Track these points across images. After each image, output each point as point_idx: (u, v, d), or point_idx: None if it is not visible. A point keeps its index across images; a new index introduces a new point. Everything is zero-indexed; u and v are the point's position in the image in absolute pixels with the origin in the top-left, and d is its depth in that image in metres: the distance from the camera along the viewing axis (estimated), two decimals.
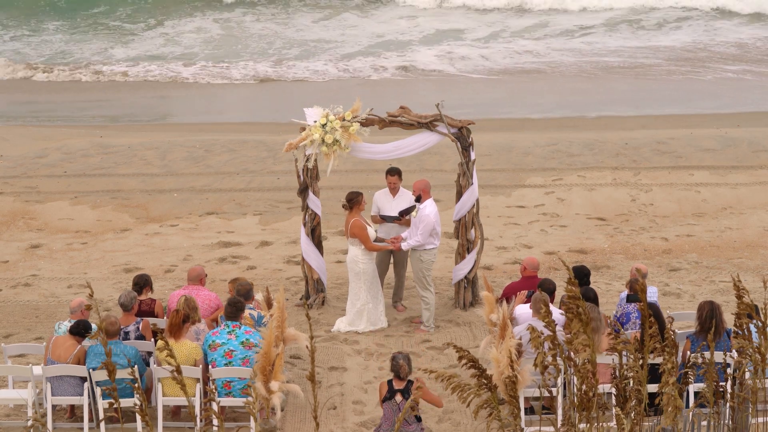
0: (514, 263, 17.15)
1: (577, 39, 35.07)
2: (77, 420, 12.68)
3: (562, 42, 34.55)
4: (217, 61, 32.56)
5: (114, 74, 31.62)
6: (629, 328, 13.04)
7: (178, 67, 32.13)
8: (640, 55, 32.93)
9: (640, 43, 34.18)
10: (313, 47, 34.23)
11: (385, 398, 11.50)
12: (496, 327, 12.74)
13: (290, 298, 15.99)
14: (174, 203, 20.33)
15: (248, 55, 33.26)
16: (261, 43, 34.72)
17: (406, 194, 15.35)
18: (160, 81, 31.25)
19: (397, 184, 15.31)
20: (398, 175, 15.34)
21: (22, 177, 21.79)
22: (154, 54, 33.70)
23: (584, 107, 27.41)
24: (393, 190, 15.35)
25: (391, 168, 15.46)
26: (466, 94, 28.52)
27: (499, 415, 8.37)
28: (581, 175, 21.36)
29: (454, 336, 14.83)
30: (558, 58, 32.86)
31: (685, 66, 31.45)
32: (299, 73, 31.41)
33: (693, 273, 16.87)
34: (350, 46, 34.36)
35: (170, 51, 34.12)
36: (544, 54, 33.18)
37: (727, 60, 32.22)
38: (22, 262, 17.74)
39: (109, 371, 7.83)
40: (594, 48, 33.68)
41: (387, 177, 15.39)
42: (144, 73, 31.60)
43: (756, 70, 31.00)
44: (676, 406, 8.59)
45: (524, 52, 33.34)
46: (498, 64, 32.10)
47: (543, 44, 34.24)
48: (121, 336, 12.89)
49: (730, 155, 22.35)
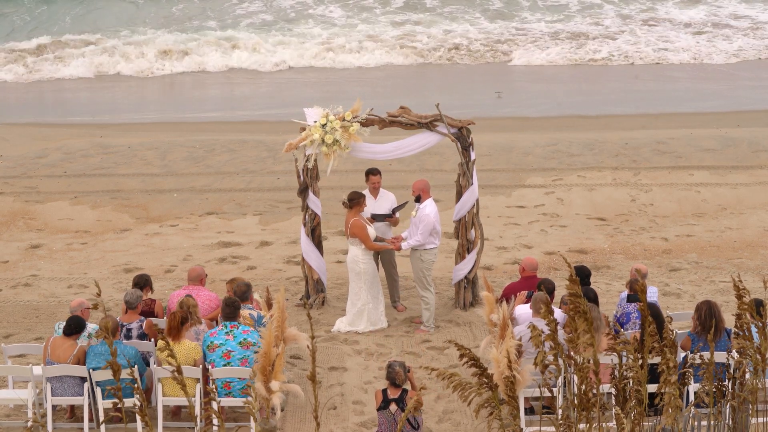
0: (514, 263, 17.15)
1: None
2: (77, 420, 12.68)
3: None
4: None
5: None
6: (629, 328, 13.05)
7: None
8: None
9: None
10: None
11: (380, 407, 11.50)
12: (496, 327, 12.75)
13: (290, 298, 15.99)
14: (174, 203, 20.33)
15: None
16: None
17: (387, 195, 15.39)
18: None
19: (379, 183, 15.35)
20: (380, 174, 15.39)
21: (22, 177, 21.79)
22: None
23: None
24: (375, 190, 15.37)
25: (373, 168, 15.47)
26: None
27: (500, 415, 8.36)
28: (581, 175, 21.36)
29: (454, 336, 14.83)
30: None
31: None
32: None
33: (693, 273, 16.87)
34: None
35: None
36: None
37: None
38: (22, 262, 17.74)
39: (114, 371, 7.83)
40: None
41: (369, 177, 15.39)
42: None
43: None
44: (675, 405, 8.59)
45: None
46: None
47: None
48: (123, 333, 12.91)
49: (730, 155, 22.36)
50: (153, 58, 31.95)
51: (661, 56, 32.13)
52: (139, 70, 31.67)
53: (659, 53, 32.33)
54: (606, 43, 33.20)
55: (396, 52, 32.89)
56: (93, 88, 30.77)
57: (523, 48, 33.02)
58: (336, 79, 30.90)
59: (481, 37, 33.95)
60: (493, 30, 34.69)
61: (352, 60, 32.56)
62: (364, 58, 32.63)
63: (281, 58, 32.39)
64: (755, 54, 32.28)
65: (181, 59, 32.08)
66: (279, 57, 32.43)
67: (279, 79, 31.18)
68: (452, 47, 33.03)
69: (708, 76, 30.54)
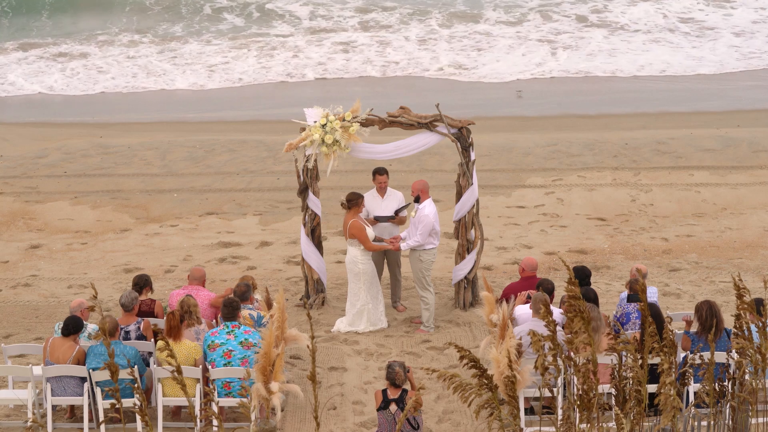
0: (514, 263, 17.16)
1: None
2: (77, 420, 12.68)
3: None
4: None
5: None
6: (629, 328, 13.05)
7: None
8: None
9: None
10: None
11: (380, 407, 11.50)
12: (496, 327, 12.75)
13: (290, 299, 16.00)
14: (174, 203, 20.33)
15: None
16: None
17: (394, 194, 15.38)
18: None
19: (386, 183, 15.34)
20: (387, 173, 15.38)
21: (22, 177, 21.79)
22: None
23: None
24: (381, 189, 15.36)
25: (380, 168, 15.47)
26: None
27: (500, 415, 8.37)
28: (581, 175, 21.36)
29: (454, 336, 14.83)
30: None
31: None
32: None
33: (693, 273, 16.88)
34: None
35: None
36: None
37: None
38: (22, 263, 17.74)
39: (112, 372, 7.84)
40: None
41: (376, 177, 15.38)
42: None
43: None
44: (675, 406, 8.59)
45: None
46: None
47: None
48: (122, 336, 12.90)
49: (730, 155, 22.36)
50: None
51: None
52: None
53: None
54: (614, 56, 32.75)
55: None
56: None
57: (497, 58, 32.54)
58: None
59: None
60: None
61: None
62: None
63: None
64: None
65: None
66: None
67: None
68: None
69: (708, 76, 30.52)
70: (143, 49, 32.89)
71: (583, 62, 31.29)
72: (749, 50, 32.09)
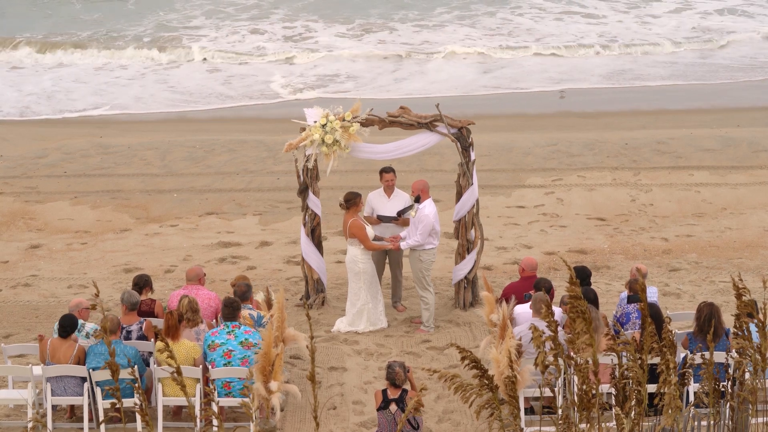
0: (513, 263, 17.15)
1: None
2: (77, 420, 12.68)
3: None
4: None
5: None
6: (629, 328, 13.05)
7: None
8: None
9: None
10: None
11: (380, 407, 11.51)
12: (496, 327, 12.75)
13: (290, 299, 16.00)
14: (174, 203, 20.33)
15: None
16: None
17: (401, 194, 15.36)
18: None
19: (393, 181, 15.32)
20: (393, 172, 15.37)
21: (22, 177, 21.79)
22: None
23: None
24: (389, 188, 15.34)
25: (387, 166, 15.47)
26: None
27: (501, 416, 8.37)
28: (581, 175, 21.36)
29: (454, 336, 14.83)
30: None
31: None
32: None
33: (693, 273, 16.88)
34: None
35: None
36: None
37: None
38: (22, 262, 17.74)
39: (113, 371, 7.84)
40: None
41: (383, 175, 15.36)
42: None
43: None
44: (675, 406, 8.59)
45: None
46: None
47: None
48: (123, 335, 12.90)
49: (730, 155, 22.36)
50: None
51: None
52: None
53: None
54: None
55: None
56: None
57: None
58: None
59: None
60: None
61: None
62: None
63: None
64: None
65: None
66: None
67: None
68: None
69: (708, 77, 30.52)
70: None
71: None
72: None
